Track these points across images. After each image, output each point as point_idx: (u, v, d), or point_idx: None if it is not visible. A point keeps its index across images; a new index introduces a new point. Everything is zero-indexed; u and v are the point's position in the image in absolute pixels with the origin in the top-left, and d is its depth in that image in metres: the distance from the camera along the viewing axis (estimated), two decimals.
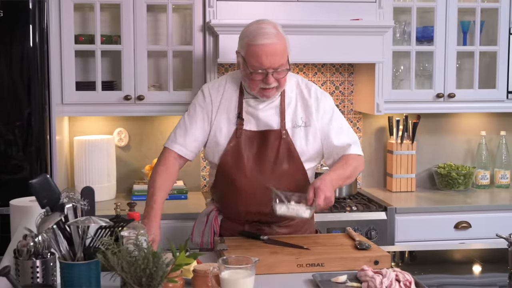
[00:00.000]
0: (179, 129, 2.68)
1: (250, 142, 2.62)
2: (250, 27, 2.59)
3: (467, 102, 3.89)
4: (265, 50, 2.50)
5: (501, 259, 2.43)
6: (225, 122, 2.63)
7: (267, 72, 2.51)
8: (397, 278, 2.09)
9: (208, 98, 2.67)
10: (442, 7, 3.80)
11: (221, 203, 2.74)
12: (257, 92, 2.57)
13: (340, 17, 3.55)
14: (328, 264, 2.29)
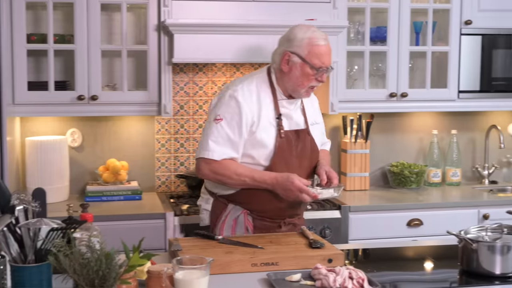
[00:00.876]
0: (221, 140, 2.73)
1: (289, 141, 2.82)
2: (301, 30, 2.80)
3: (419, 102, 3.95)
4: (326, 50, 2.79)
5: (452, 255, 2.48)
6: (267, 124, 2.78)
7: (324, 70, 2.78)
8: (350, 275, 2.12)
9: (244, 105, 2.75)
10: (395, 7, 3.85)
11: (256, 203, 2.80)
12: (304, 91, 2.81)
13: (295, 17, 3.56)
14: (282, 263, 2.30)
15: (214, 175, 2.75)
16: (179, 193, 3.89)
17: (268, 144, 2.77)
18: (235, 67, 3.97)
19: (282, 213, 2.85)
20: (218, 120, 2.75)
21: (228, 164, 2.73)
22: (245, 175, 2.72)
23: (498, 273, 2.28)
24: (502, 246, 2.29)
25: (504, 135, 4.23)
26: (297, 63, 2.77)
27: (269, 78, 2.86)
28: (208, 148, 2.73)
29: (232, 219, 2.81)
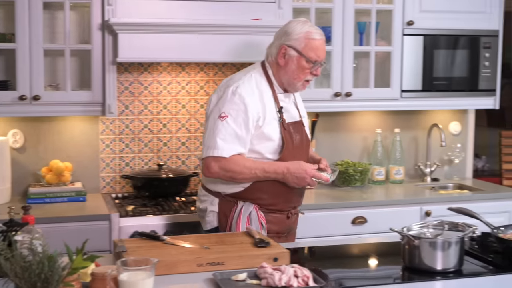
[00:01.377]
0: (229, 137, 2.77)
1: (290, 133, 2.90)
2: (298, 24, 2.90)
3: (363, 101, 4.01)
4: (321, 44, 2.90)
5: (395, 252, 2.52)
6: (271, 118, 2.85)
7: (319, 64, 2.89)
8: (296, 274, 2.13)
9: (249, 100, 2.80)
10: (339, 8, 3.90)
11: (268, 198, 2.87)
12: (300, 84, 2.91)
13: (241, 17, 3.57)
14: (228, 262, 2.30)
15: (225, 173, 2.78)
16: (124, 194, 3.86)
17: (274, 137, 2.86)
18: (180, 66, 3.95)
19: (291, 204, 2.96)
20: (224, 117, 2.78)
21: (237, 159, 2.78)
22: (255, 168, 2.78)
23: (440, 269, 2.33)
24: (443, 242, 2.34)
25: (445, 133, 4.33)
26: (294, 56, 2.87)
27: (266, 73, 2.94)
28: (216, 146, 2.76)
29: (245, 216, 2.84)
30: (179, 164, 4.01)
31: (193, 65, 3.97)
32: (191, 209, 3.51)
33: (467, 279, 2.32)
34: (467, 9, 4.10)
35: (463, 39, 4.13)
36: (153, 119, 3.95)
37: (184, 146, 4.01)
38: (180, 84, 3.97)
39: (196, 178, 3.99)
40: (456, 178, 4.50)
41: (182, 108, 3.99)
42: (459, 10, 4.09)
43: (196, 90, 4.00)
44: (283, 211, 2.95)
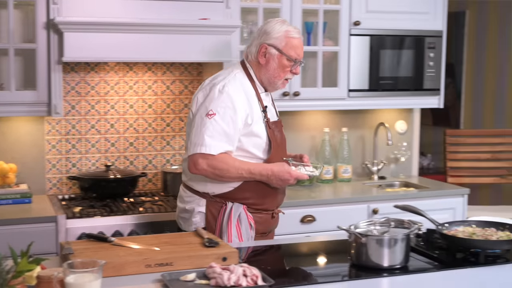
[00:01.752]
0: (217, 134, 2.78)
1: (275, 131, 2.97)
2: (277, 24, 2.94)
3: (311, 100, 4.04)
4: (300, 43, 2.95)
5: (343, 250, 2.54)
6: (257, 116, 2.89)
7: (298, 62, 2.94)
8: (245, 273, 2.14)
9: (237, 98, 2.83)
10: (287, 8, 3.92)
11: (256, 197, 2.91)
12: (281, 83, 2.97)
13: (189, 16, 3.56)
14: (177, 263, 2.29)
15: (212, 170, 2.79)
16: (71, 196, 3.80)
17: (262, 136, 2.90)
18: (128, 66, 3.92)
19: (276, 203, 3.02)
20: (211, 115, 2.79)
21: (225, 158, 2.79)
22: (241, 168, 2.81)
23: (386, 266, 2.37)
24: (390, 239, 2.38)
25: (391, 132, 4.39)
26: (275, 55, 2.91)
27: (247, 73, 2.97)
28: (204, 143, 2.77)
29: (236, 217, 2.86)
30: (127, 165, 3.98)
31: (140, 64, 3.94)
32: (139, 210, 3.48)
33: (413, 275, 2.36)
34: (412, 9, 4.17)
35: (408, 39, 4.20)
36: (101, 119, 3.91)
37: (132, 146, 3.98)
38: (127, 84, 3.94)
39: (145, 179, 3.97)
40: (402, 176, 4.57)
41: (130, 108, 3.96)
42: (404, 11, 4.16)
43: (144, 90, 3.97)
44: (268, 210, 2.99)
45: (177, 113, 4.05)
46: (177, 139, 4.06)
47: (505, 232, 2.59)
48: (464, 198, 4.14)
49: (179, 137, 4.06)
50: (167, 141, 4.05)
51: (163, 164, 4.04)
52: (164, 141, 4.04)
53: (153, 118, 4.01)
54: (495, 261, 2.47)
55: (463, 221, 2.75)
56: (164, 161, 4.05)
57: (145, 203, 3.64)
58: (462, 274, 2.36)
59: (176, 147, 4.06)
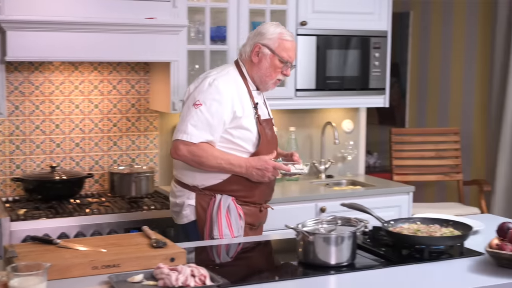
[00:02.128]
0: (200, 124, 2.87)
1: (263, 128, 3.03)
2: (272, 26, 3.06)
3: None
4: (293, 45, 3.06)
5: (291, 248, 2.56)
6: (248, 112, 2.98)
7: (290, 64, 3.04)
8: (193, 273, 2.13)
9: (225, 92, 2.93)
10: (234, 8, 3.92)
11: (245, 190, 2.98)
12: (272, 82, 3.06)
13: (135, 15, 3.53)
14: (124, 264, 2.27)
15: (192, 156, 2.88)
16: (15, 197, 3.74)
17: (253, 130, 2.98)
18: (73, 65, 3.87)
19: (264, 197, 3.10)
20: (198, 105, 2.90)
21: (205, 146, 2.88)
22: (221, 158, 2.89)
23: (333, 263, 2.39)
24: (337, 237, 2.40)
25: (338, 131, 4.44)
26: (267, 54, 3.01)
27: (240, 71, 3.06)
28: (186, 131, 2.88)
29: (225, 209, 2.94)
30: (73, 166, 3.92)
31: (86, 64, 3.89)
32: (86, 211, 3.44)
33: (360, 272, 2.39)
34: (357, 10, 4.23)
35: (354, 39, 4.25)
36: (45, 119, 3.85)
37: (78, 147, 3.93)
38: (73, 84, 3.89)
39: (91, 180, 3.92)
40: (349, 174, 4.63)
41: (75, 108, 3.90)
42: (350, 11, 4.20)
43: (90, 89, 3.93)
44: (256, 204, 3.06)
45: (124, 113, 4.01)
46: (124, 139, 4.02)
47: (448, 228, 2.65)
48: (409, 196, 4.20)
49: (126, 137, 4.02)
50: (114, 141, 4.01)
51: (110, 164, 4.00)
52: (111, 141, 4.00)
53: (100, 118, 3.96)
54: (439, 257, 2.52)
55: (408, 218, 2.80)
56: (111, 162, 4.01)
57: (91, 204, 3.60)
58: (407, 270, 2.41)
59: (123, 147, 4.02)
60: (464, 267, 2.43)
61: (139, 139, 4.06)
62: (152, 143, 4.09)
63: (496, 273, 2.35)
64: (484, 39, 5.47)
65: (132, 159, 4.05)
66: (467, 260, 2.50)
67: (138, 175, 3.80)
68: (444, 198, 5.85)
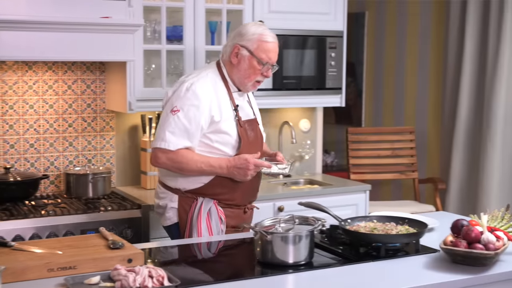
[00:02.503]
0: (178, 130, 2.88)
1: (246, 130, 3.02)
2: (253, 26, 3.04)
3: None
4: (274, 47, 3.03)
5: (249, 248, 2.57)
6: (227, 114, 2.97)
7: (269, 66, 3.00)
8: (150, 274, 2.12)
9: (203, 97, 2.92)
10: (190, 7, 3.90)
11: (226, 193, 2.99)
12: (251, 84, 3.03)
13: (90, 14, 3.49)
14: (80, 266, 2.25)
15: (172, 163, 2.91)
16: None
17: (231, 133, 2.96)
18: (27, 65, 3.80)
19: (248, 198, 3.10)
20: (175, 112, 2.90)
21: (184, 152, 2.90)
22: (201, 161, 2.90)
23: (291, 262, 2.41)
24: (294, 236, 2.41)
25: (295, 130, 4.46)
26: (246, 56, 2.99)
27: (220, 72, 3.05)
28: (164, 138, 2.89)
29: (206, 212, 2.94)
30: (27, 167, 3.86)
31: (40, 63, 3.83)
32: (41, 213, 3.39)
33: (318, 270, 2.40)
34: (313, 10, 4.25)
35: (310, 39, 4.27)
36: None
37: (33, 148, 3.87)
38: (27, 84, 3.83)
39: (47, 181, 3.87)
40: (306, 173, 4.65)
41: (29, 108, 3.84)
42: (306, 11, 4.23)
43: (44, 89, 3.87)
44: (240, 206, 3.07)
45: (79, 113, 3.96)
46: (80, 139, 3.98)
47: (404, 226, 2.69)
48: (366, 194, 4.25)
49: (82, 138, 3.98)
50: (70, 142, 3.96)
51: (66, 165, 3.95)
52: (67, 142, 3.95)
53: (55, 118, 3.91)
54: (395, 255, 2.56)
55: (365, 216, 2.83)
56: (67, 163, 3.95)
57: (47, 206, 3.55)
58: (364, 268, 2.43)
59: (79, 148, 3.97)
60: (420, 264, 2.46)
61: (95, 139, 4.02)
62: (108, 144, 4.05)
63: (450, 269, 2.40)
64: (438, 39, 5.56)
65: (88, 159, 4.00)
66: (423, 257, 2.54)
67: (95, 176, 3.76)
68: (400, 196, 5.92)
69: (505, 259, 2.52)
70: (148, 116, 4.02)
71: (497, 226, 2.62)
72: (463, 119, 5.10)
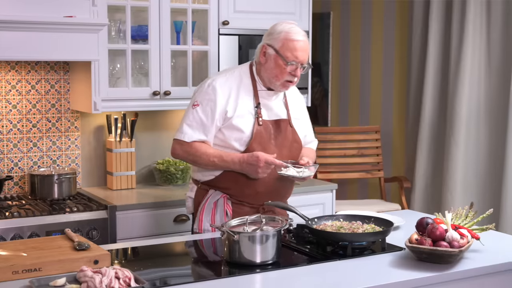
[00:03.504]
0: (195, 124, 2.95)
1: (268, 129, 2.99)
2: (282, 24, 2.98)
3: (182, 100, 4.02)
4: (301, 45, 2.93)
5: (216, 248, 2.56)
6: (245, 112, 2.96)
7: (298, 65, 2.92)
8: (117, 275, 2.11)
9: (221, 92, 2.95)
10: (155, 6, 3.88)
11: (236, 188, 2.98)
12: (280, 84, 2.97)
13: (53, 13, 3.45)
14: (46, 268, 2.23)
15: (187, 155, 2.99)
16: None
17: (245, 130, 2.95)
18: None
19: (260, 198, 2.98)
20: (195, 106, 2.98)
21: (198, 145, 2.95)
22: (213, 155, 2.92)
23: (259, 262, 2.41)
24: (261, 235, 2.42)
25: None
26: (272, 55, 2.95)
27: (251, 70, 3.05)
28: (182, 130, 2.98)
29: (212, 203, 2.98)
30: None
31: (3, 63, 3.78)
32: (5, 215, 3.34)
33: (285, 270, 2.41)
34: (278, 10, 4.25)
35: None
36: None
37: None
38: None
39: (11, 182, 3.83)
40: None
41: None
42: (271, 11, 4.23)
43: (7, 89, 3.82)
44: (252, 204, 3.01)
45: (43, 113, 3.91)
46: (45, 140, 3.93)
47: (370, 225, 2.71)
48: (333, 193, 4.27)
49: (47, 138, 3.93)
50: (34, 142, 3.91)
51: (30, 166, 3.90)
52: (31, 142, 3.90)
53: (18, 119, 3.86)
54: (362, 253, 2.58)
55: (332, 215, 2.85)
56: (31, 163, 3.90)
57: (11, 208, 3.50)
58: (331, 267, 2.45)
59: (44, 148, 3.93)
60: (386, 262, 2.49)
61: (60, 140, 3.97)
62: (74, 144, 4.01)
63: (416, 267, 2.42)
64: (402, 39, 5.62)
65: (53, 160, 3.96)
66: (389, 255, 2.56)
67: (60, 176, 3.72)
68: (366, 195, 5.97)
69: (469, 256, 2.55)
70: (114, 116, 3.99)
71: (461, 224, 2.65)
72: (427, 119, 5.16)
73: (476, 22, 4.79)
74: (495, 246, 2.69)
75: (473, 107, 4.86)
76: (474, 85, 4.85)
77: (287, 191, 3.14)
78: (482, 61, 4.83)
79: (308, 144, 3.26)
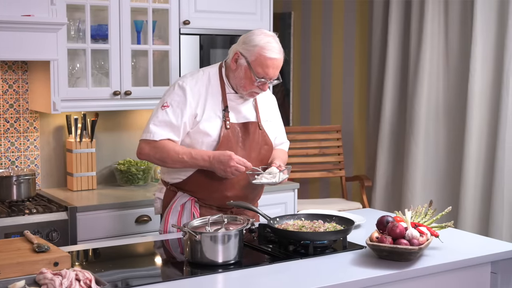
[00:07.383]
0: (164, 123, 2.89)
1: (235, 132, 2.95)
2: (259, 36, 2.90)
3: (143, 99, 4.00)
4: (273, 63, 2.88)
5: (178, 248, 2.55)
6: (212, 115, 2.92)
7: (267, 81, 2.88)
8: (77, 277, 2.09)
9: (190, 95, 2.91)
10: (115, 6, 3.85)
11: (203, 192, 2.95)
12: (246, 93, 2.93)
13: (10, 12, 3.40)
14: (4, 270, 2.19)
15: (154, 153, 2.91)
16: None
17: (212, 134, 2.91)
18: None
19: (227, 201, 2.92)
20: (165, 107, 2.92)
21: (166, 143, 2.89)
22: (183, 153, 2.87)
23: (221, 262, 2.41)
24: (223, 235, 2.42)
25: None
26: (243, 65, 2.89)
27: (220, 72, 2.99)
28: (149, 130, 2.91)
29: (179, 205, 2.96)
30: None
31: None
32: None
33: (247, 269, 2.41)
34: (238, 10, 4.26)
35: (237, 39, 4.23)
36: None
37: None
38: None
39: None
40: None
41: None
42: (232, 11, 4.23)
43: None
44: (221, 208, 2.97)
45: (1, 114, 3.85)
46: (3, 141, 3.87)
47: (331, 223, 2.73)
48: (295, 192, 4.29)
49: (5, 139, 3.87)
50: None
51: None
52: None
53: None
54: (323, 252, 2.59)
55: (293, 214, 2.86)
56: None
57: None
58: (293, 266, 2.46)
59: (2, 149, 3.86)
60: (347, 260, 2.51)
61: (19, 140, 3.92)
62: (33, 145, 3.96)
63: (377, 265, 2.45)
64: (362, 39, 5.67)
65: (12, 161, 3.90)
66: (350, 254, 2.58)
67: (19, 178, 3.66)
68: (328, 194, 6.01)
69: (428, 253, 2.59)
70: (74, 117, 3.95)
71: (420, 221, 2.68)
72: (388, 118, 5.21)
73: (434, 22, 4.85)
74: (454, 243, 2.74)
75: (432, 106, 4.93)
76: (433, 84, 4.91)
77: (257, 195, 3.13)
78: (441, 61, 4.89)
79: (280, 145, 3.23)
